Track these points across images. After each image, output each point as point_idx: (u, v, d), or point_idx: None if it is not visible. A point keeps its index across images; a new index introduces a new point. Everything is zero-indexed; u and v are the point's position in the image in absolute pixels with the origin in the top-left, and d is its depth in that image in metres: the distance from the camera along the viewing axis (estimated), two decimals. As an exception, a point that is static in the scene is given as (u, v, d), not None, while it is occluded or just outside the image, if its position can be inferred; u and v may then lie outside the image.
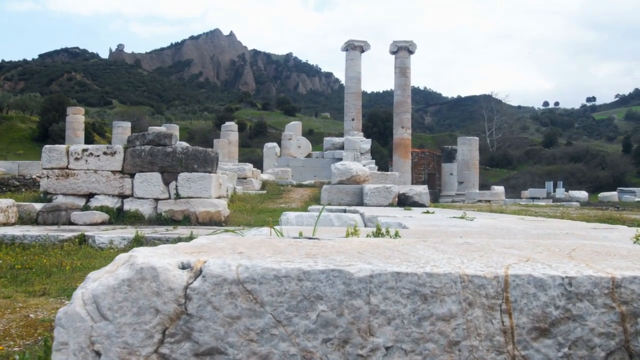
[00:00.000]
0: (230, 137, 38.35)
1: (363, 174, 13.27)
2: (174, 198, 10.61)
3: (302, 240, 2.12)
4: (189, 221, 10.43)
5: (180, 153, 10.69)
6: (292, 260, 1.47)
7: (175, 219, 10.52)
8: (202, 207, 10.49)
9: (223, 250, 1.67)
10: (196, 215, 10.45)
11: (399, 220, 4.20)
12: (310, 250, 1.73)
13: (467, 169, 35.37)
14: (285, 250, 1.70)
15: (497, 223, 4.08)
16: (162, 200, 10.68)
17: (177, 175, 10.65)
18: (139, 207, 10.65)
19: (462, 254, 1.69)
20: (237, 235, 2.32)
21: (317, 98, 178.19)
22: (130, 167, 10.83)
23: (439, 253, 1.70)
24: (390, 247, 1.83)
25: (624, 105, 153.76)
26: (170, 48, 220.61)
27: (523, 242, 2.16)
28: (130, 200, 10.79)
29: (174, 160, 10.68)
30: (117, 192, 10.82)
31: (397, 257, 1.57)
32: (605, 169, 52.55)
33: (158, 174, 10.72)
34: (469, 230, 2.98)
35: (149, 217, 10.62)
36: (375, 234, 2.44)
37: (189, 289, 1.37)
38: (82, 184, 10.90)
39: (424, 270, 1.37)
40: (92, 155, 10.94)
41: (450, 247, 1.91)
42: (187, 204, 10.54)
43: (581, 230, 3.25)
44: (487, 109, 74.40)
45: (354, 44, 36.66)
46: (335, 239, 2.20)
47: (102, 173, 10.86)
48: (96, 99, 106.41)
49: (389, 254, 1.65)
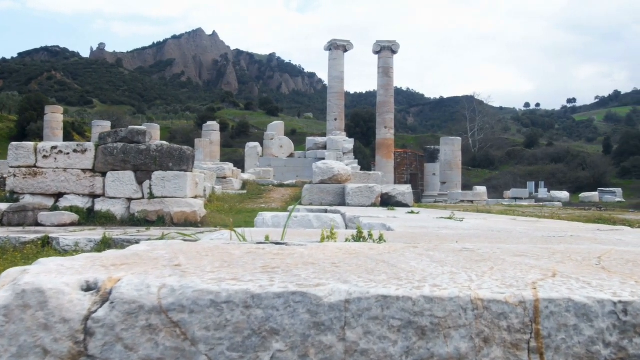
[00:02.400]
0: (211, 137, 37.80)
1: (345, 173, 12.89)
2: (148, 198, 10.14)
3: (266, 246, 1.73)
4: (163, 222, 9.97)
5: (154, 151, 10.22)
6: (240, 278, 1.07)
7: (149, 219, 10.05)
8: (177, 207, 10.03)
9: (156, 262, 1.27)
10: (171, 215, 9.99)
11: (382, 221, 3.83)
12: (271, 260, 1.34)
13: (450, 169, 35.20)
14: (238, 262, 1.31)
15: (490, 224, 3.71)
16: (135, 200, 10.21)
17: (151, 174, 10.19)
18: (110, 208, 10.16)
19: (466, 265, 1.31)
20: (189, 241, 1.92)
21: (300, 98, 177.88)
22: (102, 165, 10.33)
23: (436, 264, 1.32)
24: (374, 256, 1.44)
25: (604, 106, 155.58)
26: (152, 47, 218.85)
27: (533, 248, 1.78)
28: (102, 200, 10.30)
29: (148, 159, 10.21)
30: (87, 191, 10.32)
31: (382, 271, 1.19)
32: (585, 169, 52.79)
33: (131, 173, 10.24)
34: (462, 233, 2.61)
35: (122, 218, 10.14)
36: (355, 238, 2.07)
37: (91, 320, 0.97)
38: (51, 183, 10.38)
39: (421, 292, 0.98)
40: (62, 153, 10.42)
41: (448, 255, 1.53)
42: (161, 204, 10.08)
43: (587, 233, 2.90)
44: (469, 110, 74.56)
45: (337, 44, 36.32)
46: (308, 244, 1.81)
47: (72, 172, 10.35)
48: (76, 99, 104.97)
49: (372, 265, 1.27)
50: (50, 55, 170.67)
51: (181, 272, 1.13)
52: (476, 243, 2.10)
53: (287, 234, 2.48)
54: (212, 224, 10.30)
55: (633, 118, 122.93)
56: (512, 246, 1.88)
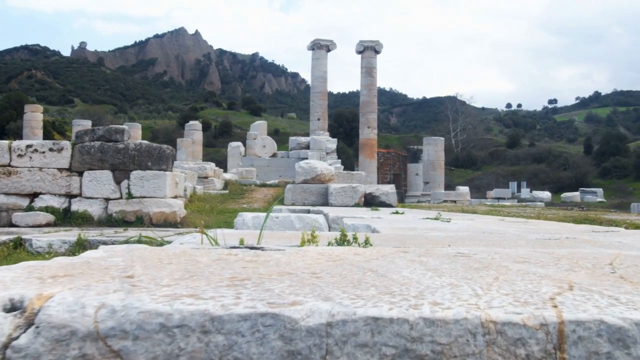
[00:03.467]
0: (194, 137, 37.44)
1: (328, 173, 12.72)
2: (126, 198, 9.87)
3: (239, 251, 1.54)
4: (142, 222, 9.71)
5: (132, 150, 9.96)
6: (200, 294, 0.89)
7: (128, 220, 9.79)
8: (156, 208, 9.78)
9: (105, 273, 1.08)
10: (150, 216, 9.73)
11: (367, 222, 3.65)
12: (242, 270, 1.16)
13: (433, 170, 35.20)
14: (203, 272, 1.12)
15: (479, 225, 3.55)
16: (113, 200, 9.93)
17: (130, 174, 9.92)
18: (87, 208, 9.88)
19: (467, 275, 1.14)
20: (154, 246, 1.73)
21: (283, 98, 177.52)
22: (79, 164, 10.04)
23: (432, 274, 1.15)
24: (361, 263, 1.27)
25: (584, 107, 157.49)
26: (134, 46, 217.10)
27: (533, 253, 1.62)
28: (79, 200, 10.01)
29: (126, 157, 9.95)
30: (64, 191, 10.02)
31: (371, 284, 1.01)
32: (567, 169, 53.24)
33: (109, 172, 9.96)
34: (453, 236, 2.44)
35: (99, 218, 9.86)
36: (339, 242, 1.89)
37: (11, 349, 0.78)
38: (26, 183, 10.06)
39: (420, 313, 0.80)
40: (37, 151, 10.11)
41: (443, 261, 1.36)
42: (140, 204, 9.81)
43: (582, 234, 2.75)
44: (452, 110, 74.92)
45: (320, 43, 36.15)
46: (286, 248, 1.63)
47: (48, 171, 10.05)
48: (57, 98, 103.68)
49: (359, 276, 1.09)
50: (30, 54, 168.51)
51: (130, 286, 0.94)
52: (470, 247, 1.93)
53: (265, 236, 2.30)
54: (193, 225, 10.07)
55: (613, 119, 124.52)
56: (510, 250, 1.71)
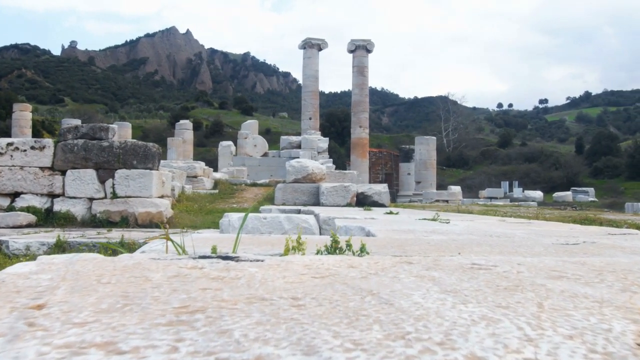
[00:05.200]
0: (184, 136, 37.07)
1: (320, 172, 12.43)
2: (111, 197, 9.54)
3: (206, 262, 1.26)
4: (127, 223, 9.39)
5: (117, 148, 9.63)
6: (118, 343, 0.60)
7: (112, 220, 9.46)
8: (141, 208, 9.46)
9: (11, 299, 0.79)
10: (135, 216, 9.41)
11: (360, 224, 3.36)
12: (200, 293, 0.87)
13: (425, 169, 35.00)
14: (145, 297, 0.84)
15: (481, 227, 3.26)
16: (97, 200, 9.60)
17: (114, 172, 9.59)
18: (70, 208, 9.54)
19: (498, 299, 0.86)
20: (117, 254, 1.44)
21: (274, 98, 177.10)
22: (62, 163, 9.71)
23: (453, 298, 0.86)
24: (356, 282, 0.98)
25: (575, 107, 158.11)
26: (125, 46, 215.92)
27: (564, 263, 1.34)
28: (62, 200, 9.67)
29: (111, 156, 9.62)
30: (46, 190, 9.68)
31: (373, 318, 0.72)
32: (559, 169, 53.22)
33: (93, 171, 9.63)
34: (457, 239, 2.16)
35: (82, 219, 9.53)
36: (330, 249, 1.60)
37: None
38: (7, 182, 9.70)
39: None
40: (18, 150, 9.76)
41: (460, 277, 1.08)
42: (125, 204, 9.49)
43: (601, 238, 2.47)
44: (443, 110, 74.83)
45: (311, 42, 35.87)
46: (267, 258, 1.35)
47: (30, 170, 9.70)
48: (47, 97, 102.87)
49: (356, 303, 0.81)
50: (20, 53, 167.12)
51: (27, 325, 0.65)
52: (482, 254, 1.65)
53: (245, 242, 2.00)
54: (180, 225, 9.75)
55: (603, 119, 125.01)
56: (534, 260, 1.43)
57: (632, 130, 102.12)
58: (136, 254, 1.58)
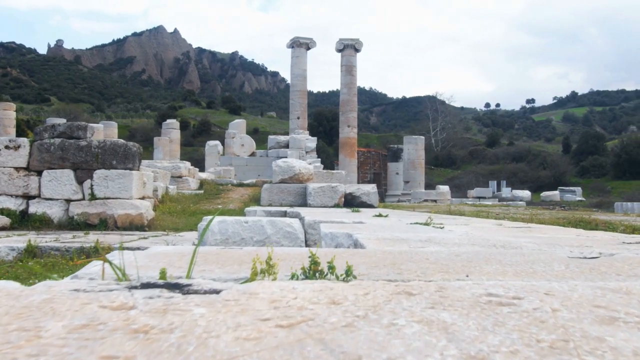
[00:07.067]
0: (171, 135, 36.65)
1: (307, 172, 12.13)
2: (89, 199, 9.18)
3: (141, 298, 0.96)
4: (105, 225, 9.03)
5: (96, 147, 9.27)
6: None
7: (90, 222, 9.10)
8: (121, 210, 9.11)
9: None
10: (114, 218, 9.06)
11: (347, 230, 3.06)
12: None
13: (413, 169, 34.84)
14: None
15: (480, 233, 2.96)
16: (74, 202, 9.24)
17: (93, 173, 9.23)
18: (47, 210, 9.17)
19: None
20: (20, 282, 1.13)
21: (263, 97, 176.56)
22: (38, 163, 9.33)
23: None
24: (337, 340, 0.69)
25: (562, 107, 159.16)
26: (112, 45, 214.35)
27: (602, 293, 1.06)
28: (37, 202, 9.29)
29: (89, 156, 9.26)
30: (21, 192, 9.30)
31: None
32: (546, 168, 53.32)
33: (70, 171, 9.27)
34: (458, 252, 1.86)
35: (59, 221, 9.16)
36: (308, 273, 1.28)
37: None
38: (-20, 183, 9.31)
39: None
40: (-7, 149, 9.37)
41: (484, 324, 0.79)
42: (104, 206, 9.13)
43: (619, 249, 2.17)
44: (431, 110, 74.81)
45: (299, 41, 35.59)
46: (225, 286, 1.06)
47: (4, 170, 9.31)
48: (33, 96, 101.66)
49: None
50: (5, 52, 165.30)
51: None
52: (495, 275, 1.36)
53: (209, 259, 1.70)
54: (161, 228, 9.41)
55: (590, 118, 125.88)
56: (563, 286, 1.14)
57: (618, 130, 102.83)
58: (64, 281, 1.27)
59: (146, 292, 1.01)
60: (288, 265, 1.46)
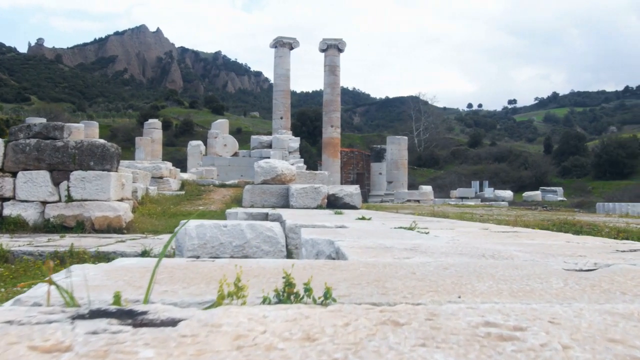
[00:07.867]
0: (153, 135, 36.23)
1: (289, 173, 11.99)
2: (65, 201, 8.95)
3: (83, 333, 0.82)
4: (82, 228, 8.81)
5: (73, 148, 9.04)
6: None
7: (67, 225, 8.87)
8: (98, 212, 8.89)
9: None
10: (91, 221, 8.84)
11: (329, 236, 2.93)
12: None
13: (396, 169, 34.84)
14: None
15: (467, 240, 2.84)
16: (50, 204, 9.00)
17: (70, 174, 9.00)
18: (21, 212, 8.93)
19: None
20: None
21: (246, 97, 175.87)
22: (12, 164, 9.08)
23: None
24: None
25: (543, 108, 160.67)
26: (94, 44, 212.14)
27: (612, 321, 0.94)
28: (12, 204, 9.04)
29: (66, 156, 9.02)
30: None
31: None
32: (528, 169, 53.70)
33: (46, 173, 9.03)
34: (446, 264, 1.72)
35: (35, 224, 8.91)
36: (281, 296, 1.13)
37: None
38: (-48, 185, 9.04)
39: None
40: (-35, 150, 9.10)
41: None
42: (80, 208, 8.91)
43: (614, 258, 2.06)
44: (414, 110, 74.99)
45: (282, 41, 35.41)
46: (186, 314, 0.92)
47: (-23, 171, 9.05)
48: (13, 95, 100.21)
49: None
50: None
51: None
52: (490, 295, 1.24)
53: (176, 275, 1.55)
54: (140, 230, 9.21)
55: (570, 119, 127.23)
56: (568, 311, 1.02)
57: (598, 131, 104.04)
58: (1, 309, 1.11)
59: (91, 324, 0.87)
60: (262, 283, 1.31)
